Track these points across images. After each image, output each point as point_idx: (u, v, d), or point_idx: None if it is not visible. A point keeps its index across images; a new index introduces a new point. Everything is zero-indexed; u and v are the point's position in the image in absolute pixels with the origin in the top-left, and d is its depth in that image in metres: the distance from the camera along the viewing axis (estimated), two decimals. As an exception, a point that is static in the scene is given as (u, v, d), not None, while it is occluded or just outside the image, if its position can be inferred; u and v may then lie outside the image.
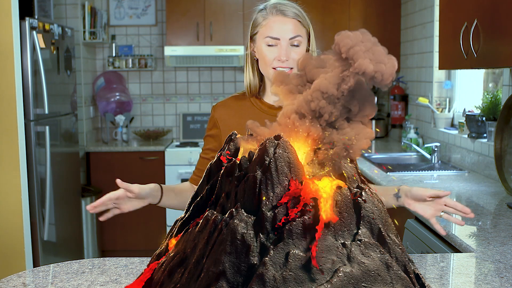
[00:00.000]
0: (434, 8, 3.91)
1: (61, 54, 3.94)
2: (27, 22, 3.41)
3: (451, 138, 3.65)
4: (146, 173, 4.67)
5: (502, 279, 1.53)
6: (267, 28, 1.72)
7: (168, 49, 4.70)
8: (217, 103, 1.89)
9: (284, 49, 1.70)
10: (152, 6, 5.17)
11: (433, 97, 4.03)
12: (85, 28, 4.76)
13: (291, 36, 1.71)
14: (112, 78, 5.03)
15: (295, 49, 1.72)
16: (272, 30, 1.72)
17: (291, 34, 1.71)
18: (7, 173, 3.33)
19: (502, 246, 1.84)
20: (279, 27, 1.71)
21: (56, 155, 3.82)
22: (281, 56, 1.70)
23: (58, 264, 1.65)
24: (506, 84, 2.96)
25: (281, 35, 1.71)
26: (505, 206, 2.44)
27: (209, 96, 5.27)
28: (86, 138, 4.82)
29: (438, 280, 1.51)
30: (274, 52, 1.72)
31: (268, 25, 1.73)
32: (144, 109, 5.29)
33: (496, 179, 2.91)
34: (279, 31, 1.71)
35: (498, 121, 2.75)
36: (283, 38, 1.71)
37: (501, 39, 2.33)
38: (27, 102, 3.45)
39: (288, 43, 1.71)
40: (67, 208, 4.02)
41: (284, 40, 1.71)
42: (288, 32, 1.71)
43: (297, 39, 1.72)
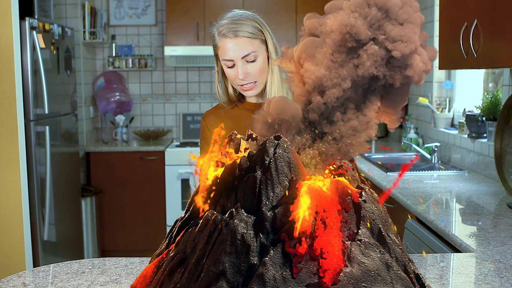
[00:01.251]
0: (434, 8, 3.91)
1: (61, 54, 3.94)
2: (27, 22, 3.41)
3: (451, 138, 3.65)
4: (146, 173, 4.67)
5: (502, 279, 1.53)
6: (222, 51, 1.81)
7: (168, 49, 4.70)
8: (205, 112, 1.97)
9: (240, 69, 1.79)
10: (152, 6, 5.17)
11: (433, 97, 4.03)
12: (85, 28, 4.76)
13: (243, 54, 1.78)
14: (112, 78, 5.03)
15: (251, 64, 1.80)
16: (225, 53, 1.79)
17: (243, 53, 1.78)
18: (7, 173, 3.33)
19: (502, 246, 1.84)
20: (231, 48, 1.78)
21: (56, 155, 3.82)
22: (239, 76, 1.79)
23: (58, 264, 1.65)
24: (506, 84, 2.96)
25: (234, 55, 1.78)
26: (505, 206, 2.44)
27: (209, 96, 5.27)
28: (86, 138, 4.82)
29: (438, 280, 1.51)
30: (233, 72, 1.81)
31: (222, 48, 1.80)
32: (144, 109, 5.29)
33: (496, 179, 2.91)
34: (231, 53, 1.78)
35: (498, 121, 2.75)
36: (236, 58, 1.78)
37: (501, 39, 2.33)
38: (27, 102, 3.45)
39: (242, 61, 1.79)
40: (67, 208, 4.02)
41: (237, 60, 1.78)
42: (239, 51, 1.78)
43: (250, 56, 1.79)
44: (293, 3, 4.83)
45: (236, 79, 1.81)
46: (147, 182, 4.67)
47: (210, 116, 1.93)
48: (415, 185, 2.92)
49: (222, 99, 1.92)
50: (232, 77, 1.82)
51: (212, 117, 1.92)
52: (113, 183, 4.68)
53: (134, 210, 4.70)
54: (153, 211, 4.72)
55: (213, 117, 1.92)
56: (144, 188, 4.67)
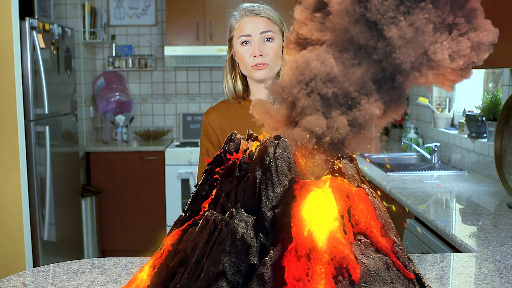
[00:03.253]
0: (434, 8, 3.91)
1: (61, 54, 3.94)
2: (27, 22, 3.41)
3: (451, 138, 3.65)
4: (146, 173, 4.67)
5: (502, 279, 1.53)
6: (240, 28, 1.80)
7: (168, 49, 4.70)
8: (207, 109, 1.96)
9: (256, 44, 1.77)
10: (152, 6, 5.17)
11: (433, 97, 4.03)
12: (85, 28, 4.76)
13: (262, 30, 1.77)
14: (112, 78, 5.03)
15: (268, 44, 1.78)
16: (243, 29, 1.79)
17: (262, 29, 1.77)
18: (7, 173, 3.33)
19: (502, 246, 1.84)
20: (250, 25, 1.78)
21: (56, 155, 3.82)
22: (255, 52, 1.76)
23: (58, 264, 1.65)
24: (506, 84, 2.96)
25: (252, 31, 1.77)
26: (505, 206, 2.44)
27: (209, 96, 5.27)
28: (86, 138, 4.82)
29: (438, 280, 1.51)
30: (249, 50, 1.78)
31: (240, 26, 1.80)
32: (144, 109, 5.29)
33: (496, 179, 2.91)
34: (250, 28, 1.78)
35: (498, 121, 2.75)
36: (254, 33, 1.77)
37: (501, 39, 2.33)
38: (27, 102, 3.45)
39: (260, 38, 1.77)
40: (67, 208, 4.02)
41: (255, 35, 1.77)
42: (258, 27, 1.78)
43: (268, 34, 1.78)
44: (293, 3, 4.83)
45: (250, 58, 1.77)
46: (147, 182, 4.67)
47: (213, 114, 1.91)
48: (415, 185, 2.92)
49: (230, 92, 1.89)
50: (246, 56, 1.78)
51: (215, 114, 1.90)
52: (113, 183, 4.68)
53: (134, 210, 4.70)
54: (153, 211, 4.72)
55: (216, 114, 1.90)
56: (144, 188, 4.66)
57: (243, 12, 1.81)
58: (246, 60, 1.78)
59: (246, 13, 1.80)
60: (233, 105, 1.90)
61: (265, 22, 1.79)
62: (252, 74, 1.80)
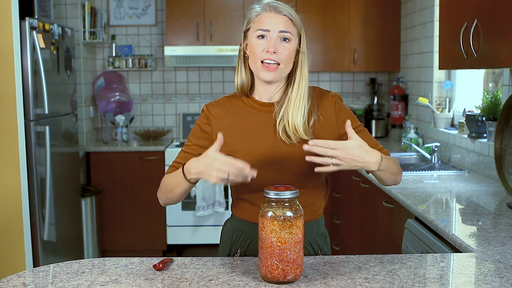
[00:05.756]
0: (434, 8, 3.91)
1: (61, 54, 3.94)
2: (27, 22, 3.41)
3: (451, 138, 3.65)
4: (146, 173, 4.67)
5: (502, 279, 1.53)
6: (259, 22, 1.75)
7: (168, 49, 4.70)
8: (209, 103, 1.87)
9: (273, 41, 1.72)
10: (152, 6, 5.17)
11: (433, 97, 4.03)
12: (85, 28, 4.75)
13: (281, 29, 1.73)
14: (112, 78, 5.03)
15: (284, 44, 1.73)
16: (263, 23, 1.74)
17: (282, 27, 1.73)
18: (7, 173, 3.33)
19: (502, 246, 1.84)
20: (271, 20, 1.74)
21: (56, 155, 3.82)
22: (270, 47, 1.71)
23: (58, 264, 1.65)
24: (506, 84, 2.96)
25: (271, 27, 1.73)
26: (505, 206, 2.44)
27: (209, 96, 5.27)
28: (86, 138, 4.82)
29: (438, 280, 1.51)
30: (263, 44, 1.73)
31: (260, 19, 1.75)
32: (144, 109, 5.29)
33: (496, 179, 2.91)
34: (270, 24, 1.73)
35: (498, 121, 2.75)
36: (273, 30, 1.73)
37: (501, 39, 2.33)
38: (27, 102, 3.45)
39: (278, 36, 1.73)
40: (67, 208, 4.02)
41: (274, 32, 1.73)
42: (278, 24, 1.73)
43: (287, 34, 1.74)
44: (292, 3, 4.82)
45: (263, 52, 1.73)
46: (147, 182, 4.67)
47: (215, 108, 1.83)
48: (415, 185, 2.92)
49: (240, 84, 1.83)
50: (259, 49, 1.73)
51: (218, 110, 1.83)
52: (113, 183, 4.68)
53: (134, 210, 4.70)
54: (153, 211, 4.72)
55: (218, 109, 1.83)
56: (144, 188, 4.66)
57: (266, 6, 1.76)
58: (258, 54, 1.74)
59: (269, 8, 1.76)
60: (235, 102, 1.84)
61: (286, 21, 1.75)
62: (260, 74, 1.76)
